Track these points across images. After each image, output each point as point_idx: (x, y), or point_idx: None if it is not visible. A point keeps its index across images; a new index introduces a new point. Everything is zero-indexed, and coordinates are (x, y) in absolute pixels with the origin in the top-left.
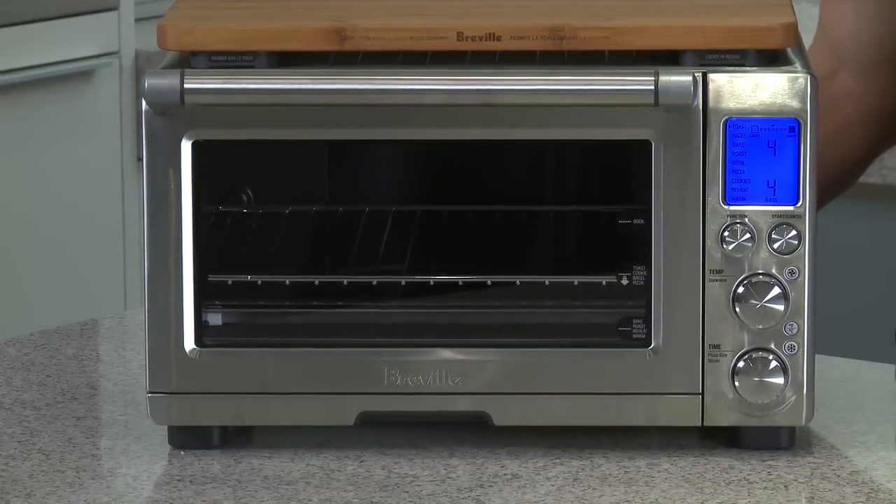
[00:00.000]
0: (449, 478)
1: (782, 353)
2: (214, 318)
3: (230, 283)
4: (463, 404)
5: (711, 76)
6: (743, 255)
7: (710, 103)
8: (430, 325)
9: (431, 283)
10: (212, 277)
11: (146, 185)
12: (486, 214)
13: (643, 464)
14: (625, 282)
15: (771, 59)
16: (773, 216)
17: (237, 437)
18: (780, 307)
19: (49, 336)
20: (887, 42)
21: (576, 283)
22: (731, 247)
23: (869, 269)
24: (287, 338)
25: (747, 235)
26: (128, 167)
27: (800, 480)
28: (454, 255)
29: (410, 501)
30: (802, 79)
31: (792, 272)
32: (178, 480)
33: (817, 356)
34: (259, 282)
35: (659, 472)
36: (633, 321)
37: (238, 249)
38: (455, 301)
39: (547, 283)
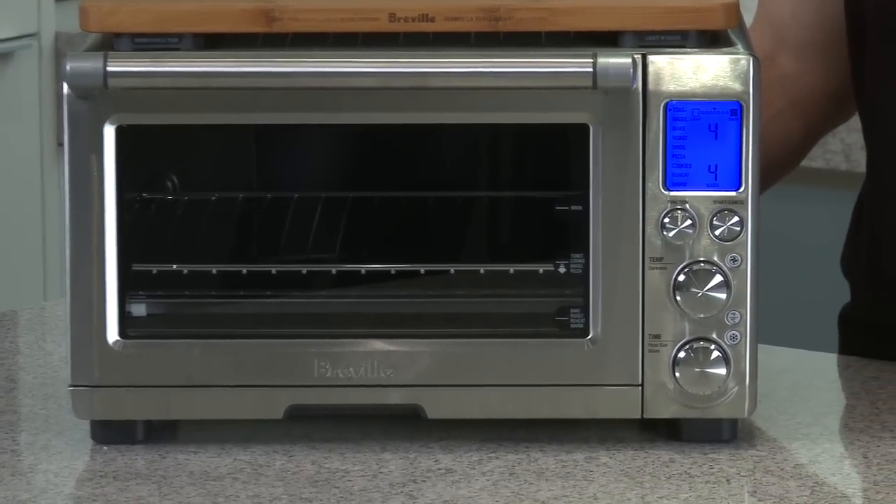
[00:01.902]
0: (381, 472)
1: (724, 342)
2: (138, 309)
3: (155, 272)
4: (395, 397)
5: (651, 58)
6: (684, 242)
7: (650, 86)
8: (361, 316)
9: (363, 271)
10: (136, 267)
11: (68, 172)
12: (420, 201)
13: (581, 457)
14: (562, 270)
15: (712, 40)
16: (715, 202)
17: (162, 432)
18: (722, 295)
19: None
20: (827, 23)
21: (511, 271)
22: (671, 233)
23: (812, 255)
24: (214, 329)
25: (688, 222)
26: (48, 153)
27: (742, 474)
28: (386, 243)
29: (341, 497)
30: (745, 60)
31: (734, 259)
32: (101, 476)
33: (760, 346)
34: (185, 271)
35: (597, 465)
36: (571, 310)
37: (163, 238)
38: (387, 290)
39: (482, 271)
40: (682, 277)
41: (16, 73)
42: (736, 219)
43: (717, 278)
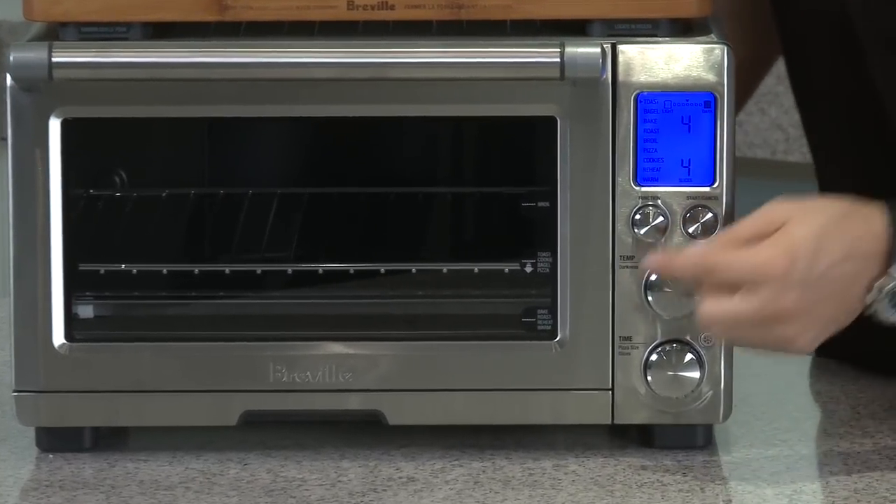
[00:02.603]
0: (339, 481)
1: (698, 345)
2: (85, 311)
3: (102, 272)
4: (354, 402)
5: (621, 47)
6: (656, 240)
7: (620, 77)
8: (318, 317)
9: (320, 271)
10: (82, 266)
11: (11, 167)
12: (379, 197)
13: (549, 465)
14: (529, 269)
15: (685, 28)
16: (688, 198)
17: (110, 439)
18: (696, 296)
19: None
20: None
21: (476, 270)
22: (642, 231)
23: None
24: (164, 331)
25: (660, 219)
26: None
27: (717, 482)
28: (344, 241)
29: None
30: (719, 50)
31: None
32: (47, 486)
33: (735, 348)
34: (134, 271)
35: (566, 473)
36: (538, 311)
37: (111, 236)
38: (346, 291)
39: (445, 271)
40: (654, 277)
41: None
42: (710, 215)
43: None
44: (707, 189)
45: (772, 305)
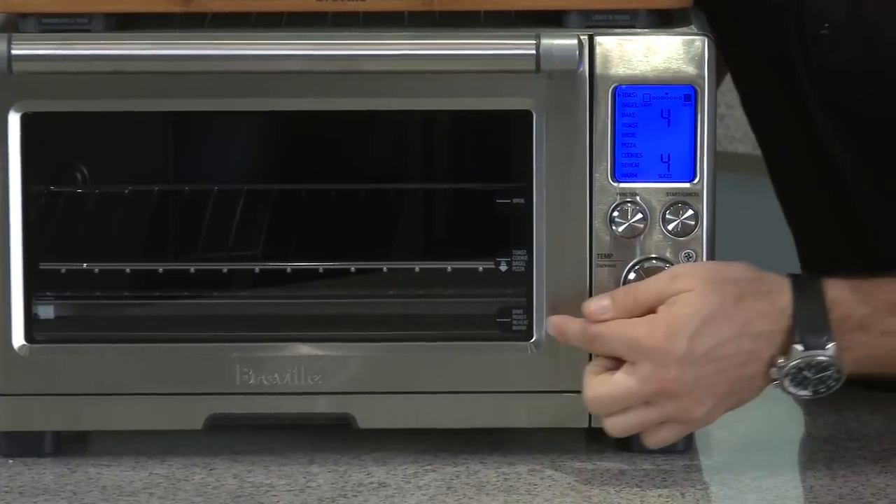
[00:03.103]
0: (308, 487)
1: None
2: (46, 311)
3: (63, 271)
4: (324, 405)
5: (598, 39)
6: (634, 238)
7: (597, 69)
8: (287, 318)
9: (288, 270)
10: (43, 265)
11: None
12: (350, 194)
13: (524, 470)
14: (503, 268)
15: (664, 19)
16: (668, 194)
17: (72, 444)
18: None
19: None
20: None
21: (449, 269)
22: (620, 228)
23: (772, 251)
24: (127, 332)
25: (639, 216)
26: None
27: (697, 487)
28: (314, 239)
29: None
30: (699, 42)
31: (688, 256)
32: (6, 492)
33: None
34: (96, 270)
35: (542, 478)
36: (513, 311)
37: (72, 234)
38: (315, 290)
39: (417, 269)
40: (632, 276)
41: None
42: (690, 212)
43: None
44: (687, 185)
45: (653, 381)
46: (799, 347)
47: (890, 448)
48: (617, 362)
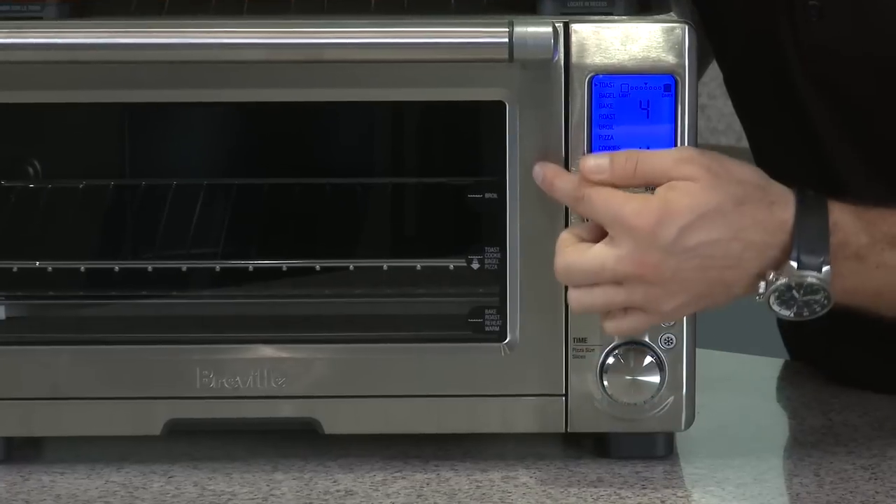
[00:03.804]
0: (272, 495)
1: (658, 347)
2: None
3: (15, 270)
4: (288, 410)
5: (574, 27)
6: None
7: (573, 58)
8: (249, 318)
9: (250, 268)
10: None
11: None
12: (314, 189)
13: (497, 477)
14: (475, 266)
15: (643, 6)
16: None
17: (24, 450)
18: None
19: None
20: None
21: (419, 267)
22: None
23: None
24: (82, 334)
25: None
26: None
27: (679, 495)
28: (277, 236)
29: None
30: (680, 29)
31: None
32: None
33: (699, 350)
34: (49, 268)
35: (516, 486)
36: (486, 311)
37: (24, 231)
38: (278, 290)
39: (385, 267)
40: None
41: None
42: None
43: None
44: None
45: (630, 262)
46: (793, 265)
47: (879, 453)
48: (594, 235)
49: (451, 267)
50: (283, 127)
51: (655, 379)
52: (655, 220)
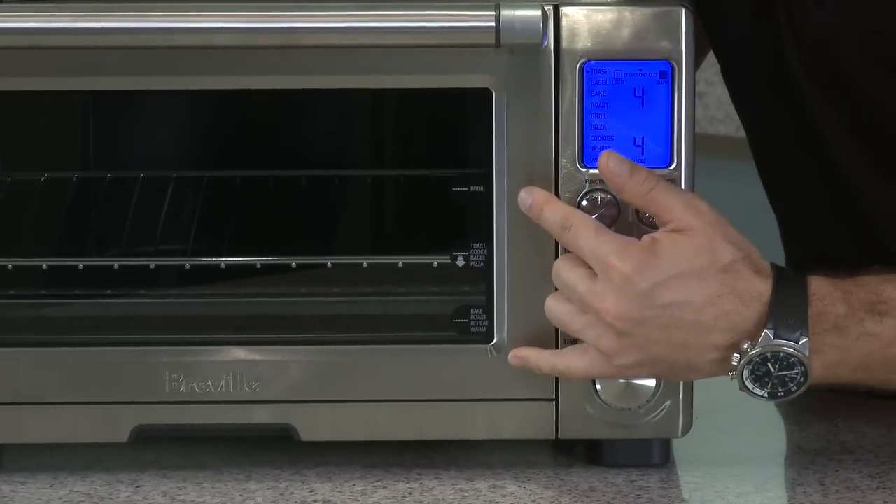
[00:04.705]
0: None
1: None
2: None
3: None
4: (262, 415)
5: (564, 10)
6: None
7: (564, 43)
8: (220, 319)
9: (222, 266)
10: None
11: None
12: (290, 182)
13: (484, 486)
14: (460, 263)
15: None
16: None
17: None
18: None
19: None
20: None
21: (400, 265)
22: None
23: (756, 241)
24: (45, 335)
25: (610, 205)
26: None
27: None
28: (250, 232)
29: None
30: (676, 13)
31: None
32: None
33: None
34: (9, 266)
35: (504, 496)
36: (472, 311)
37: None
38: (252, 288)
39: (365, 265)
40: None
41: None
42: None
43: None
44: (663, 170)
45: (598, 298)
46: (769, 334)
47: (888, 462)
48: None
49: (435, 264)
50: (258, 116)
51: (651, 383)
52: (634, 266)
